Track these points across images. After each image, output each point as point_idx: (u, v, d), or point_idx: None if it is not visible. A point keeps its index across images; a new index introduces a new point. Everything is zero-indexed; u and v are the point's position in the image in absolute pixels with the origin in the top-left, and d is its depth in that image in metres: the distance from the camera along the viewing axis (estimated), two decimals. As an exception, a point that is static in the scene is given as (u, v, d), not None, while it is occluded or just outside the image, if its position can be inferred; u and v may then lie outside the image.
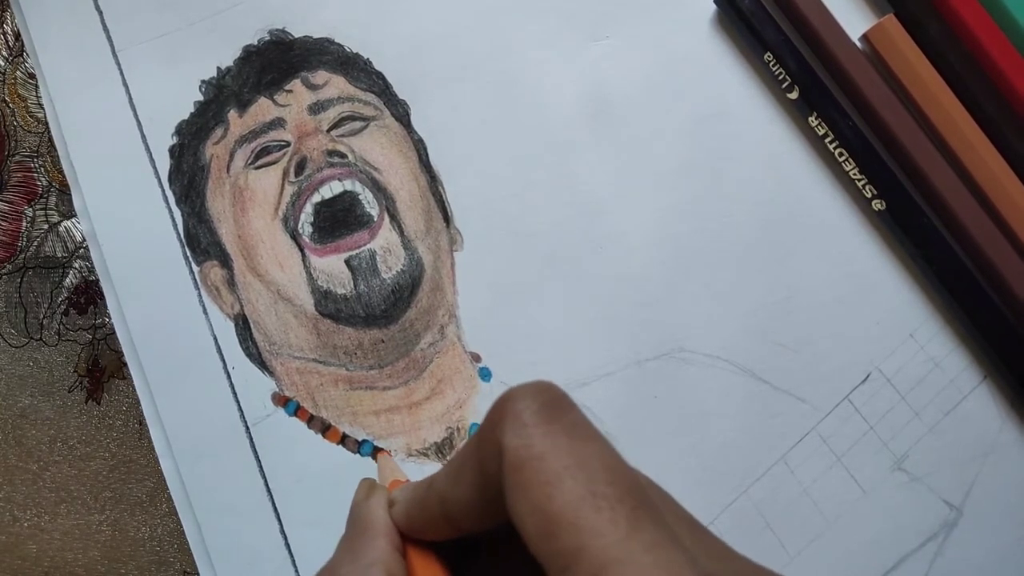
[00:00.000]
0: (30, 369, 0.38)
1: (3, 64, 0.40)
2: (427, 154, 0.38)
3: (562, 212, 0.38)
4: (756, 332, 0.37)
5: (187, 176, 0.38)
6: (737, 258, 0.37)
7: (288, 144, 0.38)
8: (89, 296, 0.39)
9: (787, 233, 0.37)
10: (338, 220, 0.37)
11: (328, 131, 0.38)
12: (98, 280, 0.38)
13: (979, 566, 0.34)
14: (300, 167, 0.37)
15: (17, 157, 0.40)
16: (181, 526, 0.36)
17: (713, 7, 0.39)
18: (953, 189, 0.36)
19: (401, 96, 0.39)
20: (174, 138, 0.38)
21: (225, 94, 0.38)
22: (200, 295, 0.37)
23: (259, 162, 0.38)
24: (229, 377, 0.36)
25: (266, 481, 0.35)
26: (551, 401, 0.21)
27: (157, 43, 0.39)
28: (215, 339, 0.37)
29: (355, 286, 0.37)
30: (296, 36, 0.39)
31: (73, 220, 0.39)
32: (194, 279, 0.37)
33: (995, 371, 0.36)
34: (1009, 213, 0.35)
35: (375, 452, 0.36)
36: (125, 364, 0.38)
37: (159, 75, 0.39)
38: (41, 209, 0.39)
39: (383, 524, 0.25)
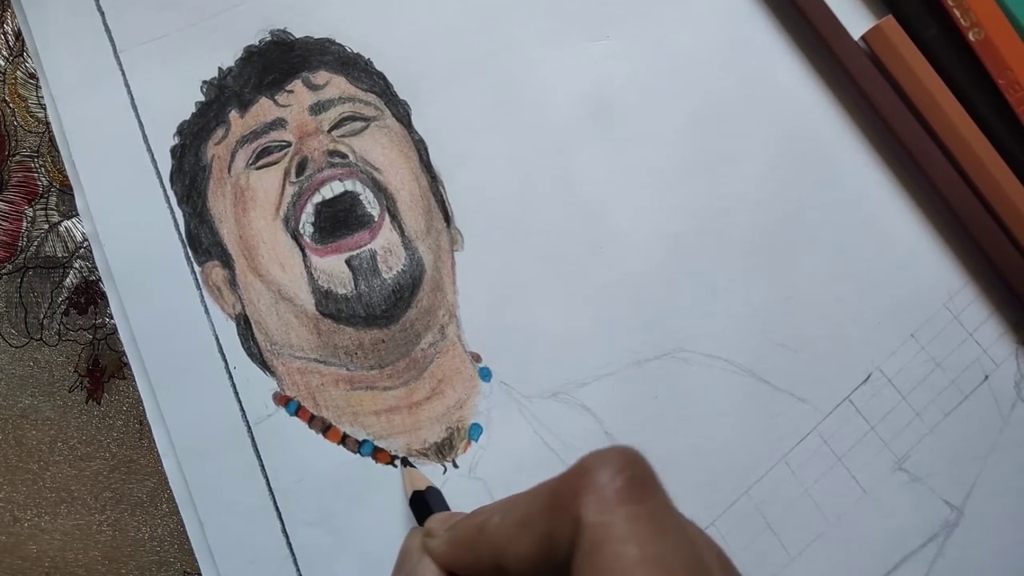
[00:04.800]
0: (30, 369, 0.38)
1: (3, 64, 0.40)
2: (427, 154, 0.38)
3: (562, 212, 0.38)
4: (756, 332, 0.37)
5: (189, 176, 0.38)
6: (737, 258, 0.37)
7: (289, 144, 0.38)
8: (89, 296, 0.39)
9: (787, 233, 0.38)
10: (339, 220, 0.37)
11: (329, 131, 0.38)
12: (98, 280, 0.38)
13: (980, 566, 0.34)
14: (301, 167, 0.37)
15: (17, 157, 0.40)
16: (182, 526, 0.36)
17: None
18: (954, 188, 0.36)
19: (402, 96, 0.39)
20: (176, 138, 0.38)
21: (226, 94, 0.38)
22: (202, 295, 0.37)
23: (260, 162, 0.38)
24: (231, 377, 0.36)
25: (268, 480, 0.35)
26: (638, 478, 0.20)
27: (159, 44, 0.39)
28: (217, 339, 0.37)
29: (356, 286, 0.37)
30: (297, 36, 0.39)
31: (73, 220, 0.39)
32: (196, 279, 0.37)
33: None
34: (1007, 212, 0.35)
35: (375, 452, 0.36)
36: (125, 364, 0.38)
37: (161, 76, 0.39)
38: (41, 209, 0.39)
39: None
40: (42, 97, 0.40)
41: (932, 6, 0.37)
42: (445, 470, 0.36)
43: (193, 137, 0.38)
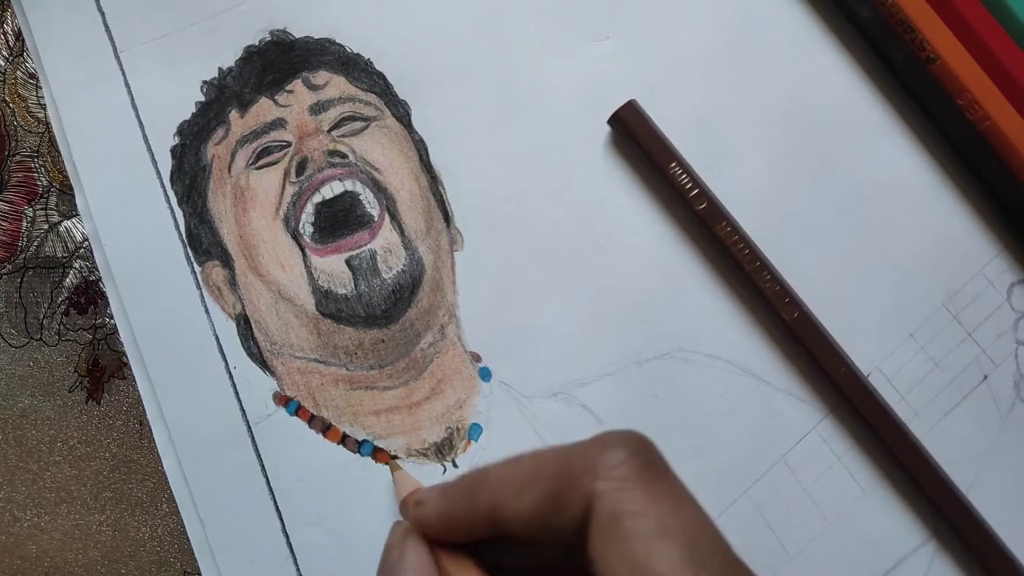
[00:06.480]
0: (30, 369, 0.38)
1: (3, 64, 0.40)
2: (427, 154, 0.38)
3: (562, 212, 0.38)
4: (756, 332, 0.37)
5: (189, 176, 0.38)
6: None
7: (289, 144, 0.38)
8: (89, 296, 0.39)
9: (787, 233, 0.38)
10: (339, 220, 0.37)
11: (329, 131, 0.38)
12: (98, 280, 0.38)
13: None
14: (301, 167, 0.37)
15: (17, 157, 0.40)
16: (182, 526, 0.36)
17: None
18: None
19: (402, 96, 0.39)
20: (176, 138, 0.38)
21: (226, 94, 0.38)
22: (202, 295, 0.37)
23: (260, 162, 0.38)
24: (231, 377, 0.36)
25: (268, 480, 0.36)
26: (653, 460, 0.21)
27: (159, 44, 0.39)
28: (217, 339, 0.37)
29: (356, 286, 0.37)
30: (297, 36, 0.39)
31: (73, 220, 0.39)
32: (196, 279, 0.37)
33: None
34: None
35: (375, 452, 0.36)
36: (125, 364, 0.38)
37: (161, 76, 0.39)
38: (41, 209, 0.39)
39: (420, 566, 0.25)
40: (42, 97, 0.40)
41: (895, 37, 0.37)
42: (445, 470, 0.36)
43: (193, 137, 0.38)
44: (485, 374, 0.37)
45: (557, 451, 0.23)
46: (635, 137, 0.37)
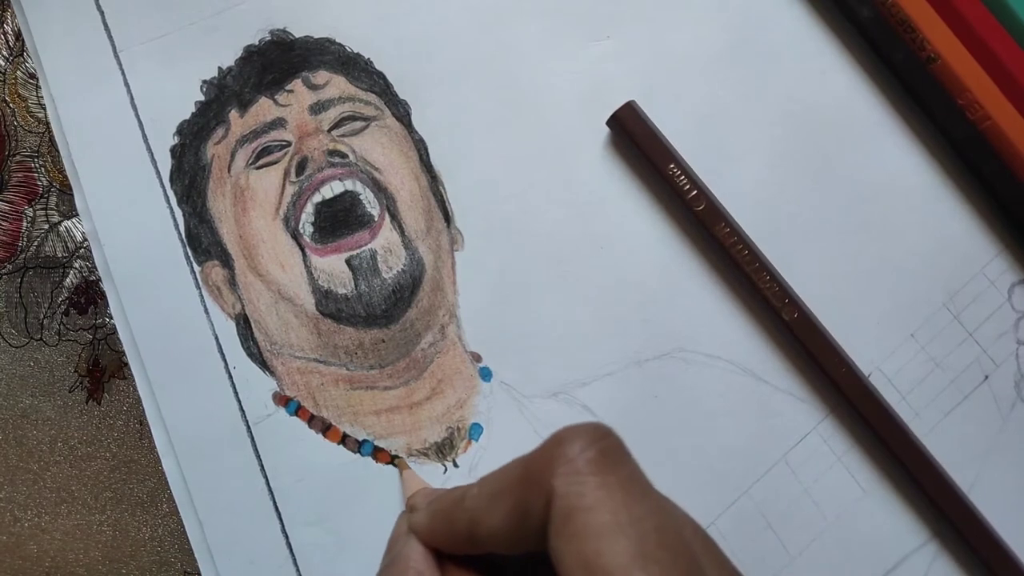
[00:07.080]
0: (31, 369, 0.38)
1: (3, 64, 0.40)
2: (428, 154, 0.38)
3: (562, 212, 0.38)
4: (756, 331, 0.37)
5: (188, 176, 0.38)
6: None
7: (289, 144, 0.38)
8: (89, 296, 0.39)
9: (787, 233, 0.38)
10: (339, 220, 0.37)
11: (329, 131, 0.38)
12: (98, 280, 0.38)
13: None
14: (301, 167, 0.37)
15: (17, 157, 0.40)
16: (182, 526, 0.36)
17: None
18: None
19: (402, 96, 0.39)
20: (175, 138, 0.38)
21: (226, 94, 0.38)
22: (201, 295, 0.37)
23: (260, 162, 0.38)
24: (230, 377, 0.36)
25: (267, 480, 0.35)
26: (608, 450, 0.21)
27: (158, 43, 0.39)
28: (216, 339, 0.37)
29: (356, 286, 0.37)
30: (297, 36, 0.39)
31: (74, 220, 0.39)
32: (195, 279, 0.37)
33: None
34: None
35: (375, 452, 0.36)
36: (125, 364, 0.38)
37: (160, 75, 0.39)
38: (41, 209, 0.39)
39: (420, 561, 0.25)
40: (42, 97, 0.40)
41: (895, 36, 0.37)
42: (446, 470, 0.36)
43: (193, 136, 0.38)
44: (485, 374, 0.37)
45: (521, 459, 0.23)
46: (633, 138, 0.37)
